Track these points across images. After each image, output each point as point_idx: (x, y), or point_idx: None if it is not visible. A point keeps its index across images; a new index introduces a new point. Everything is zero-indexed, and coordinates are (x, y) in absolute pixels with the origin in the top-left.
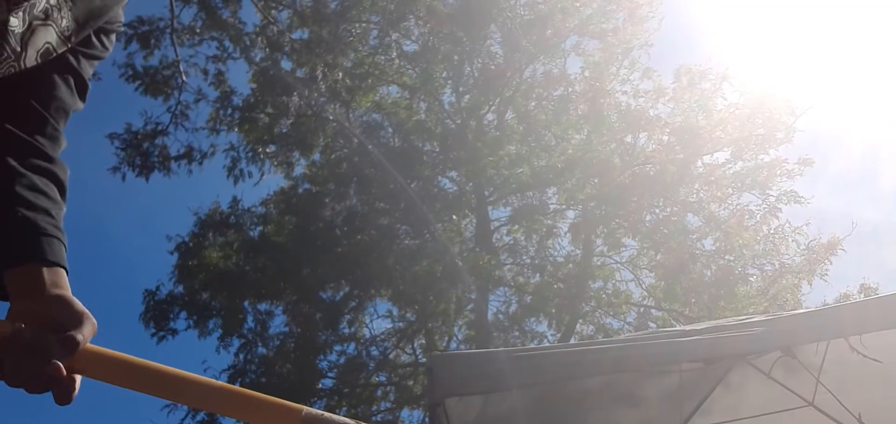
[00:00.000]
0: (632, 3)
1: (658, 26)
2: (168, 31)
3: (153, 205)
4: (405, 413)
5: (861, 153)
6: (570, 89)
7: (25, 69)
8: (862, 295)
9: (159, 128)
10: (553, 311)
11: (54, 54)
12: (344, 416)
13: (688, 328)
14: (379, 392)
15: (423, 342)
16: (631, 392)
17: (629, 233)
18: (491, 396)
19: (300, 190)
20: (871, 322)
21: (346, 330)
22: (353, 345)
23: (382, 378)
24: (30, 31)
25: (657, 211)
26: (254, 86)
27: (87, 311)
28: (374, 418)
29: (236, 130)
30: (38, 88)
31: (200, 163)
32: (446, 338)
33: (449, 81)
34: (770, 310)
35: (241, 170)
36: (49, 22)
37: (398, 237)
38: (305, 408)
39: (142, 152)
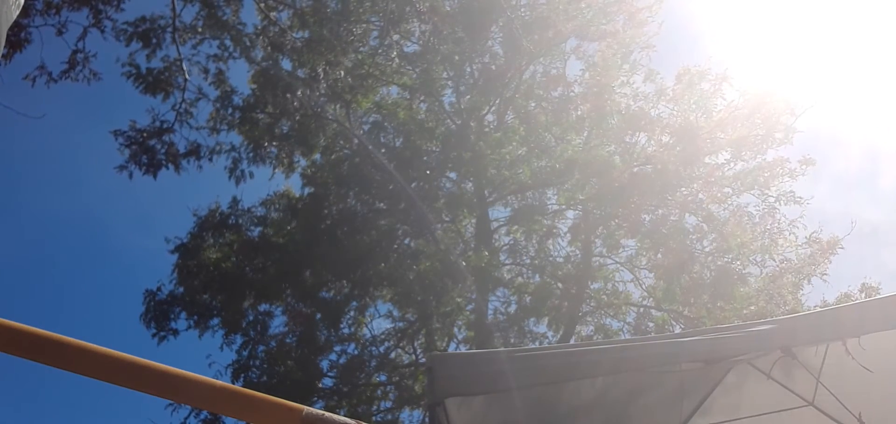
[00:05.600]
0: (631, 6)
1: (658, 30)
2: (169, 29)
3: (153, 205)
4: (405, 413)
5: (861, 153)
6: (569, 91)
7: None
8: (863, 295)
9: (165, 126)
10: (553, 311)
11: None
12: (344, 416)
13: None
14: (379, 392)
15: (424, 342)
16: (630, 393)
17: (628, 233)
18: (490, 396)
19: (301, 191)
20: (871, 323)
21: (347, 330)
22: (353, 345)
23: (383, 378)
24: None
25: (657, 211)
26: (254, 86)
27: None
28: (374, 418)
29: (236, 130)
30: None
31: (210, 159)
32: (446, 338)
33: (449, 82)
34: (769, 310)
35: (243, 170)
36: None
37: (398, 238)
38: (306, 408)
39: (148, 150)
